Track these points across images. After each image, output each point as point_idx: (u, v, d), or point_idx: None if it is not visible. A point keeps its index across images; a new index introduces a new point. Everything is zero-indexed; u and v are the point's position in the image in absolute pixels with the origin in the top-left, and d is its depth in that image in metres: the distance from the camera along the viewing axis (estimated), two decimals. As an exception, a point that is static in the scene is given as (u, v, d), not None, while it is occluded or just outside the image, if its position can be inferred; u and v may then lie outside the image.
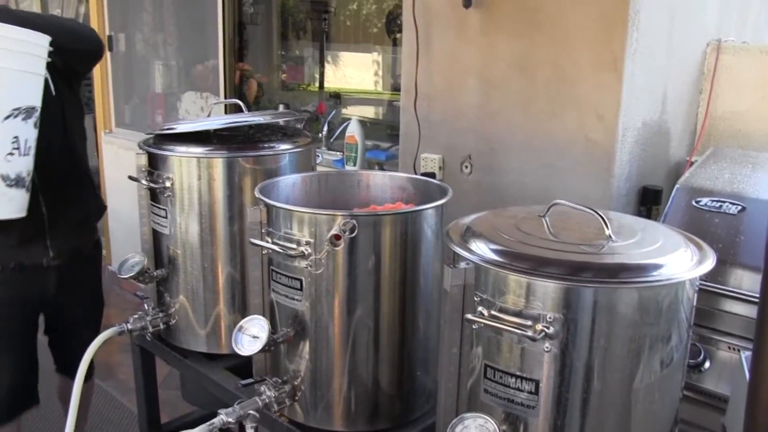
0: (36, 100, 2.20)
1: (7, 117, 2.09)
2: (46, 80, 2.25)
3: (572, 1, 2.38)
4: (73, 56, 2.45)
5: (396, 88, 4.22)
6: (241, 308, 2.20)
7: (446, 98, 2.74)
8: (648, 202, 2.46)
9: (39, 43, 2.17)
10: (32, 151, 2.21)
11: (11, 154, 2.13)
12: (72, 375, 2.19)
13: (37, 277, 2.58)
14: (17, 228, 2.33)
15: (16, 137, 2.13)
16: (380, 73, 5.30)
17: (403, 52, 2.85)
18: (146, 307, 2.29)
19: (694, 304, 1.42)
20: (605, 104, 2.34)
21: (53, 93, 2.39)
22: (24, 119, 2.14)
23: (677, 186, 2.15)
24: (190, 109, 5.11)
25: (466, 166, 2.70)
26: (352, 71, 5.14)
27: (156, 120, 5.35)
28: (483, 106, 2.64)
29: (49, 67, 2.26)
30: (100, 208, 2.90)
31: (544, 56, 2.46)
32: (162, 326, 2.26)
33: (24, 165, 2.19)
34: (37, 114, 2.20)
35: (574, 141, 2.41)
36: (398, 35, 5.05)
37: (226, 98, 4.50)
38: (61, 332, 2.86)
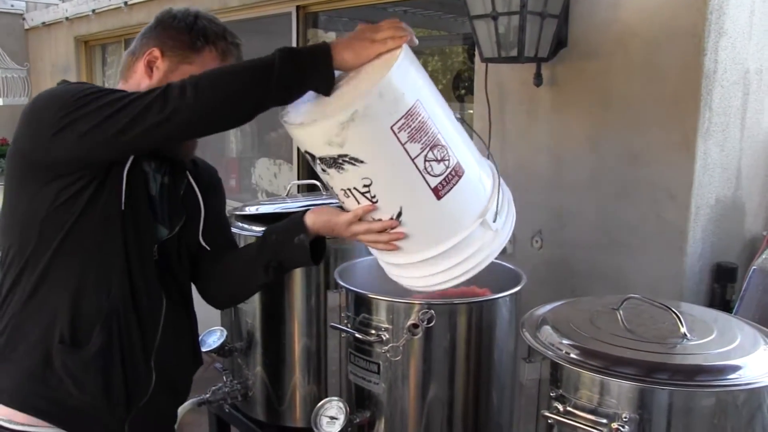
0: None
1: None
2: None
3: (643, 81, 2.40)
4: None
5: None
6: (315, 380, 2.26)
7: (517, 173, 2.77)
8: (722, 279, 2.42)
9: None
10: None
11: None
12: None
13: None
14: None
15: None
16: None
17: (475, 128, 2.90)
18: (225, 380, 2.37)
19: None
20: (677, 183, 2.34)
21: None
22: None
23: (753, 267, 2.14)
24: (264, 175, 5.22)
25: (537, 241, 2.72)
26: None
27: (230, 184, 5.41)
28: (553, 181, 2.67)
29: None
30: None
31: (615, 135, 2.48)
32: (240, 398, 2.33)
33: None
34: None
35: (646, 219, 2.41)
36: (463, 92, 5.14)
37: (298, 166, 4.56)
38: None
